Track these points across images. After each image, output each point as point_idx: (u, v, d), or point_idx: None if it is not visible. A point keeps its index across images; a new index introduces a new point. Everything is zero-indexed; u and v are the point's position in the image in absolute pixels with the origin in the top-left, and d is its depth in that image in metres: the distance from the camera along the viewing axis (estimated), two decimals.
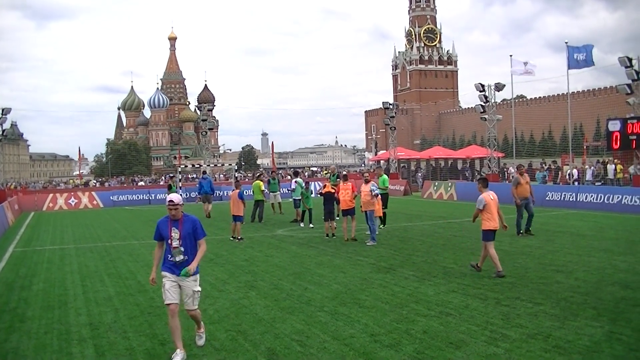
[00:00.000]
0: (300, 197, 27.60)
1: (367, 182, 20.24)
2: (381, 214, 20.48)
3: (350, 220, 20.65)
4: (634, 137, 29.92)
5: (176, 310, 8.53)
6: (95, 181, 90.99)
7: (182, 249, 8.59)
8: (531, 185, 21.66)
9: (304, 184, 27.27)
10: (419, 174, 53.90)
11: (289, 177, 55.63)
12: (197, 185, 38.25)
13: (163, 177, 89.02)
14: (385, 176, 24.97)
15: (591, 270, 14.15)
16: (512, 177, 50.42)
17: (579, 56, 35.88)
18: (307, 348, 8.83)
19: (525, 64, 40.79)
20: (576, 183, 38.69)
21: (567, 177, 40.11)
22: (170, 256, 8.60)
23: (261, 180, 31.77)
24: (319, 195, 24.46)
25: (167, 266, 8.65)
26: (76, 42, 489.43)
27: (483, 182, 14.77)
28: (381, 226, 23.45)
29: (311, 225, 25.52)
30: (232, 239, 21.87)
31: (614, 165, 35.96)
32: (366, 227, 20.56)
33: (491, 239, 14.17)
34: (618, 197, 28.84)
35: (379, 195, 20.26)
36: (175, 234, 8.57)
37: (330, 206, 22.01)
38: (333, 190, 21.97)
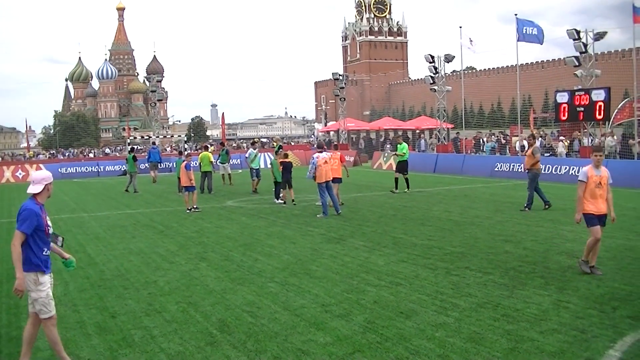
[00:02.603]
0: (258, 167, 27.74)
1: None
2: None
3: (334, 188, 20.00)
4: (581, 109, 30.33)
5: None
6: (47, 154, 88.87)
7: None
8: (530, 157, 20.12)
9: (258, 154, 27.26)
10: (388, 146, 53.58)
11: (246, 148, 54.40)
12: (147, 154, 38.62)
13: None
14: (404, 144, 26.56)
15: (539, 240, 14.37)
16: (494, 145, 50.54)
17: (529, 29, 36.12)
18: (258, 319, 8.82)
19: (471, 41, 41.06)
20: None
21: (516, 148, 40.50)
22: (47, 249, 7.16)
23: (209, 151, 31.66)
24: (269, 166, 24.58)
25: (44, 264, 7.08)
26: (20, 11, 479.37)
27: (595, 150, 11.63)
28: (406, 190, 25.61)
29: (278, 201, 23.56)
30: (188, 211, 21.48)
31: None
32: (317, 198, 20.55)
33: (590, 224, 10.94)
34: (565, 168, 29.27)
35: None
36: (47, 220, 7.31)
37: (288, 175, 22.70)
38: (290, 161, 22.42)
